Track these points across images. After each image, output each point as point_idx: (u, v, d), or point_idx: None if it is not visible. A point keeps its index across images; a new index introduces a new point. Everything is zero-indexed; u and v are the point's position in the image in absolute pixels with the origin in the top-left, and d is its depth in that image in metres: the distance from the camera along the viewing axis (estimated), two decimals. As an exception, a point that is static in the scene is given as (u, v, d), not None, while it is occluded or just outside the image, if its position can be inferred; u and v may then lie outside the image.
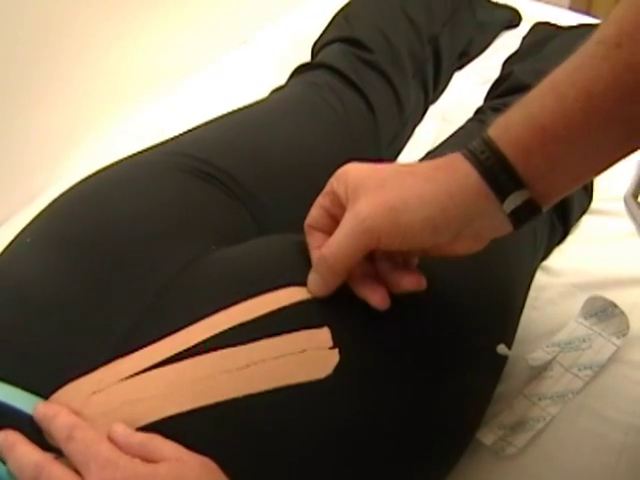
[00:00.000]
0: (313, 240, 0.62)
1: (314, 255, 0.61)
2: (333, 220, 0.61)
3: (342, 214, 0.58)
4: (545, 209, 0.57)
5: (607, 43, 0.52)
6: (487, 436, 0.70)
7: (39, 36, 0.96)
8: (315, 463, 0.55)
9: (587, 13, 1.50)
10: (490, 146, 0.55)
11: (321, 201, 0.62)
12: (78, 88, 1.05)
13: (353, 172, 0.59)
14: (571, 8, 1.63)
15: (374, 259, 0.61)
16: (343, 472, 0.56)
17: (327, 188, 0.61)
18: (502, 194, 0.55)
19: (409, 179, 0.57)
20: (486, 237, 0.59)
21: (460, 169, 0.56)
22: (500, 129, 0.56)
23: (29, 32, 0.94)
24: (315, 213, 0.62)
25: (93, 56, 1.05)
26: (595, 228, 0.95)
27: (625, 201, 0.45)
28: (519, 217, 0.56)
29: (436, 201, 0.55)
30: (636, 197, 0.48)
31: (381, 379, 0.59)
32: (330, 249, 0.58)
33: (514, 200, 0.55)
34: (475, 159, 0.55)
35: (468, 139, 0.89)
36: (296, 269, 0.61)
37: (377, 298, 0.59)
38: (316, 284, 0.59)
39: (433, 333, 0.63)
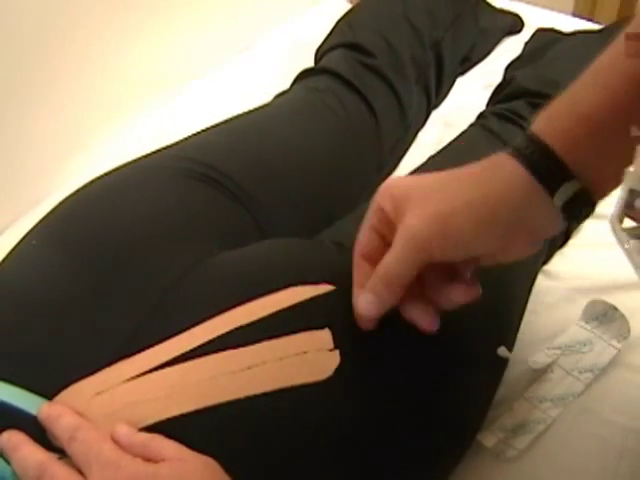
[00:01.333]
0: (359, 275, 0.59)
1: (356, 292, 0.59)
2: (383, 242, 0.59)
3: (391, 232, 0.57)
4: (599, 200, 0.55)
5: None
6: (488, 438, 0.71)
7: (43, 41, 0.96)
8: (316, 464, 0.55)
9: (590, 19, 1.51)
10: (534, 140, 0.54)
11: (368, 222, 0.60)
12: (82, 94, 1.05)
13: (396, 186, 0.58)
14: (574, 14, 1.64)
15: (422, 276, 0.58)
16: (344, 473, 0.56)
17: (373, 207, 0.59)
18: (552, 187, 0.54)
19: (454, 185, 0.56)
20: (540, 236, 0.58)
21: (506, 167, 0.55)
22: (543, 122, 0.55)
23: (33, 37, 0.95)
24: (364, 238, 0.60)
25: (96, 62, 1.06)
26: (596, 232, 0.95)
27: (611, 224, 0.45)
28: (572, 211, 0.55)
29: (484, 204, 0.54)
30: (621, 221, 0.47)
31: (382, 381, 0.59)
32: (387, 267, 0.56)
33: (565, 192, 0.54)
34: (520, 155, 0.55)
35: (470, 144, 0.90)
36: (297, 271, 0.61)
37: (427, 322, 0.58)
38: (372, 304, 0.57)
39: (434, 335, 0.64)
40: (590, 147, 0.53)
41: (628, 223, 0.49)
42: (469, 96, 1.20)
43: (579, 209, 0.55)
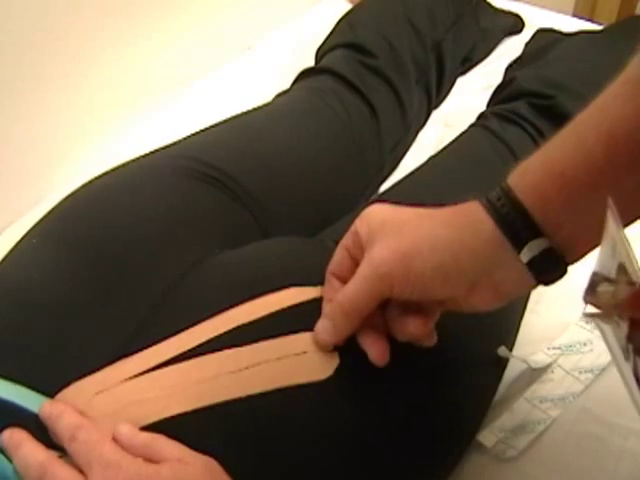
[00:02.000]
0: (330, 290, 0.59)
1: (325, 306, 0.58)
2: (354, 263, 0.58)
3: (362, 257, 0.56)
4: (572, 262, 0.54)
5: (633, 82, 0.51)
6: (488, 438, 0.71)
7: (42, 42, 0.96)
8: (316, 463, 0.55)
9: (590, 19, 1.51)
10: (506, 193, 0.53)
11: (344, 242, 0.60)
12: (82, 94, 1.05)
13: (375, 214, 0.57)
14: (575, 14, 1.64)
15: (385, 308, 0.58)
16: (343, 473, 0.57)
17: (352, 228, 0.59)
18: (518, 243, 0.53)
19: (426, 223, 0.55)
20: (506, 292, 0.56)
21: (475, 215, 0.54)
22: (518, 175, 0.54)
23: (31, 38, 0.95)
24: (337, 256, 0.60)
25: (97, 62, 1.06)
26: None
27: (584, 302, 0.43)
28: (540, 268, 0.53)
29: (448, 248, 0.53)
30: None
31: (381, 381, 0.59)
32: (346, 296, 0.56)
33: (531, 249, 0.52)
34: (491, 206, 0.54)
35: (470, 144, 0.90)
36: (297, 271, 0.62)
37: (377, 353, 0.57)
38: (326, 331, 0.57)
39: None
40: (562, 204, 0.52)
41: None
42: (469, 96, 1.20)
43: (549, 268, 0.54)
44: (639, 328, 0.41)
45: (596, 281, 0.43)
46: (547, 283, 0.55)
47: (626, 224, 0.47)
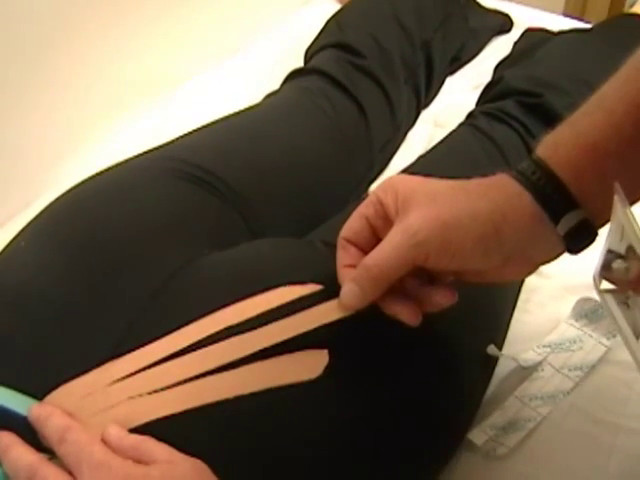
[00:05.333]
0: (346, 256, 0.58)
1: (342, 272, 0.57)
2: (373, 234, 0.58)
3: (384, 227, 0.56)
4: (599, 228, 0.55)
5: None
6: (478, 436, 0.71)
7: (36, 42, 0.96)
8: (305, 463, 0.55)
9: (580, 19, 1.51)
10: (541, 166, 0.54)
11: (363, 211, 0.58)
12: (75, 95, 1.05)
13: (403, 183, 0.57)
14: (565, 14, 1.64)
15: (403, 279, 0.57)
16: (333, 472, 0.57)
17: (371, 198, 0.58)
18: (556, 215, 0.54)
19: (462, 195, 0.55)
20: (538, 261, 0.57)
21: (512, 189, 0.55)
22: (550, 149, 0.55)
23: (26, 38, 0.95)
24: (355, 224, 0.58)
25: (90, 63, 1.06)
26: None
27: (593, 281, 0.44)
28: (574, 239, 0.54)
29: (490, 220, 0.54)
30: (600, 282, 0.46)
31: (371, 380, 0.60)
32: (376, 260, 0.54)
33: (568, 221, 0.53)
34: (527, 180, 0.54)
35: (459, 143, 0.90)
36: (286, 271, 0.62)
37: (409, 314, 0.56)
38: (354, 295, 0.56)
39: (423, 334, 0.64)
40: (595, 176, 0.53)
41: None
42: (459, 96, 1.20)
43: (581, 238, 0.55)
44: None
45: (610, 259, 0.44)
46: (577, 252, 0.56)
47: None
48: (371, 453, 0.59)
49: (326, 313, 0.57)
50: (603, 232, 0.54)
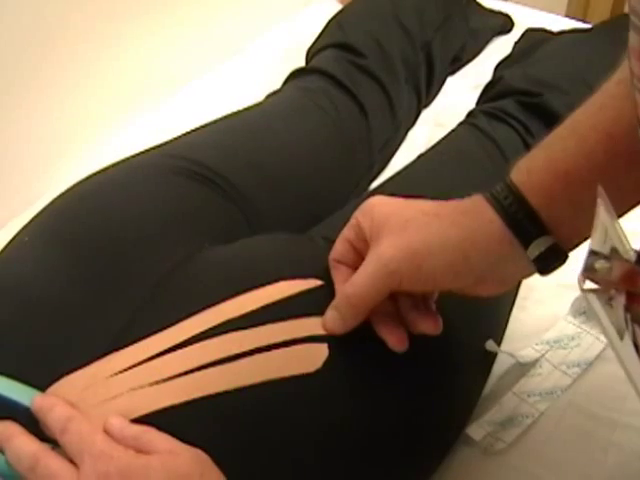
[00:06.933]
0: (338, 274, 0.61)
1: (339, 289, 0.60)
2: (358, 255, 0.60)
3: (366, 248, 0.58)
4: (570, 251, 0.56)
5: (625, 83, 0.52)
6: (476, 432, 0.71)
7: (38, 42, 0.97)
8: (303, 456, 0.56)
9: (583, 20, 1.51)
10: (513, 192, 0.55)
11: (346, 234, 0.61)
12: (76, 94, 1.06)
13: (378, 207, 0.59)
14: (567, 15, 1.63)
15: (395, 297, 0.60)
16: (331, 465, 0.57)
17: (352, 221, 0.61)
18: (526, 240, 0.55)
19: (434, 222, 0.57)
20: (510, 282, 0.60)
21: (484, 215, 0.56)
22: (523, 174, 0.56)
23: (28, 38, 0.95)
24: (340, 247, 0.62)
25: (92, 62, 1.06)
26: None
27: (578, 281, 0.45)
28: (543, 262, 0.56)
29: (459, 248, 0.55)
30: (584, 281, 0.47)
31: (369, 374, 0.60)
32: (353, 288, 0.57)
33: (538, 246, 0.55)
34: (499, 205, 0.56)
35: (459, 143, 0.90)
36: (286, 265, 0.62)
37: (395, 340, 0.58)
38: (334, 321, 0.58)
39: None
40: (566, 203, 0.54)
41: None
42: (459, 96, 1.20)
43: (552, 261, 0.56)
44: (635, 300, 0.43)
45: (594, 259, 0.45)
46: (547, 273, 0.57)
47: (623, 214, 0.52)
48: (368, 446, 0.59)
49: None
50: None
